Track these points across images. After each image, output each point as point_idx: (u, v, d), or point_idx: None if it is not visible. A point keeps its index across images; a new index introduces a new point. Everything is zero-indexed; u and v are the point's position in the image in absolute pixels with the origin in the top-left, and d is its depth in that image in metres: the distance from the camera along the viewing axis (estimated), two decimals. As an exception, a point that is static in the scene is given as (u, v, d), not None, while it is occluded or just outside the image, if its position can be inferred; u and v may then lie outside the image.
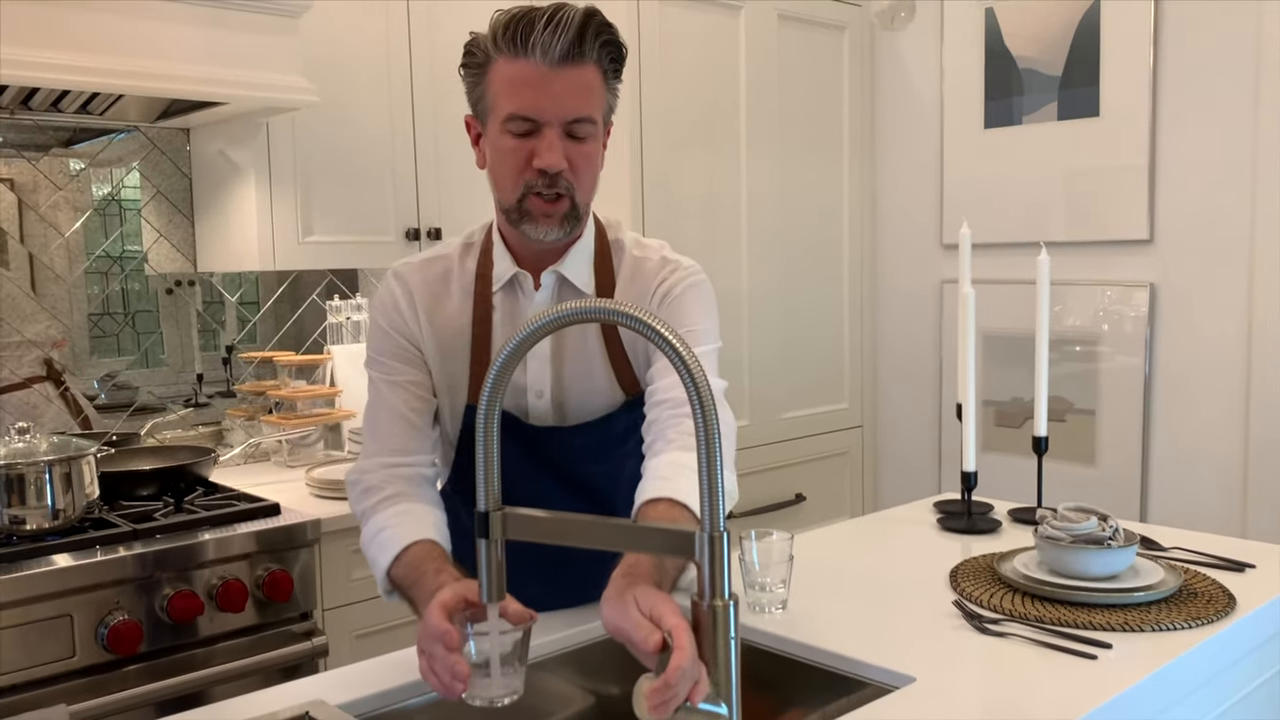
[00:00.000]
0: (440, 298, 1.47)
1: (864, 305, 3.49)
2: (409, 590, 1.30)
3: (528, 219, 1.36)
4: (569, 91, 1.30)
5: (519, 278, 1.45)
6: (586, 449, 1.48)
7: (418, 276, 1.48)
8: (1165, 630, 1.41)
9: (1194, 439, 2.85)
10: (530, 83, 1.30)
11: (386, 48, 2.65)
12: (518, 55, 1.30)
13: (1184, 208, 2.83)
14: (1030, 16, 3.05)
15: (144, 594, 1.97)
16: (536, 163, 1.32)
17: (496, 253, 1.46)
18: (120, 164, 2.62)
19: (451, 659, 1.09)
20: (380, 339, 1.48)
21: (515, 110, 1.31)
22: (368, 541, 1.39)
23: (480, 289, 1.46)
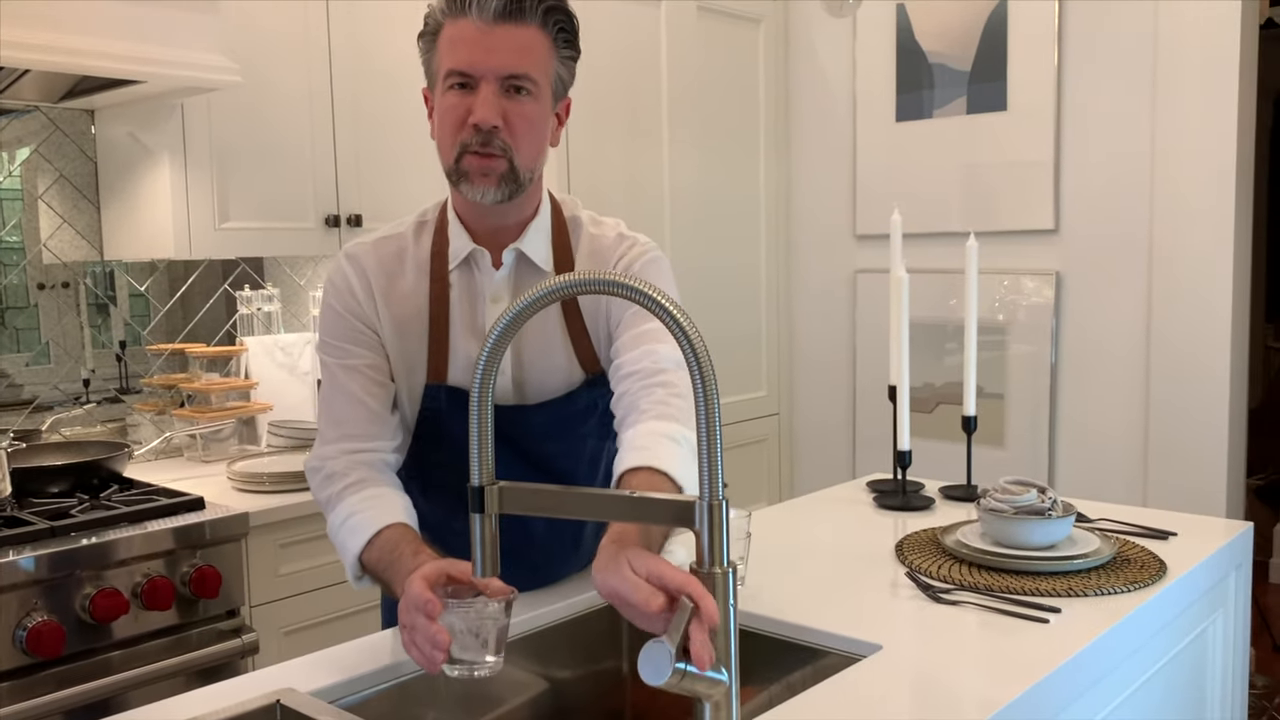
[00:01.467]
0: (395, 277, 1.44)
1: (780, 295, 3.55)
2: (385, 572, 1.28)
3: (465, 179, 1.35)
4: (507, 49, 1.30)
5: (475, 254, 1.43)
6: (546, 427, 1.47)
7: (371, 257, 1.45)
8: (1107, 594, 1.47)
9: (1098, 419, 2.98)
10: (467, 39, 1.30)
11: (305, 28, 2.58)
12: (458, 16, 1.30)
13: (1088, 198, 2.95)
14: (940, 13, 3.14)
15: (64, 594, 1.88)
16: (471, 118, 1.31)
17: (452, 230, 1.44)
18: (17, 146, 2.49)
19: (432, 629, 1.09)
20: (334, 322, 1.45)
21: (452, 66, 1.31)
22: (336, 527, 1.36)
23: (436, 267, 1.44)
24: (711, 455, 0.95)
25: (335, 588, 2.32)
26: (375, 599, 2.38)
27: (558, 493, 1.01)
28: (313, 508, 2.27)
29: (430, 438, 1.46)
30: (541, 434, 1.47)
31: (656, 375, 1.33)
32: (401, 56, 2.79)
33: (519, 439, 1.46)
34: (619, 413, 1.37)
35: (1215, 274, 2.76)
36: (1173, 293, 2.82)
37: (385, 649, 1.35)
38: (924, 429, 3.25)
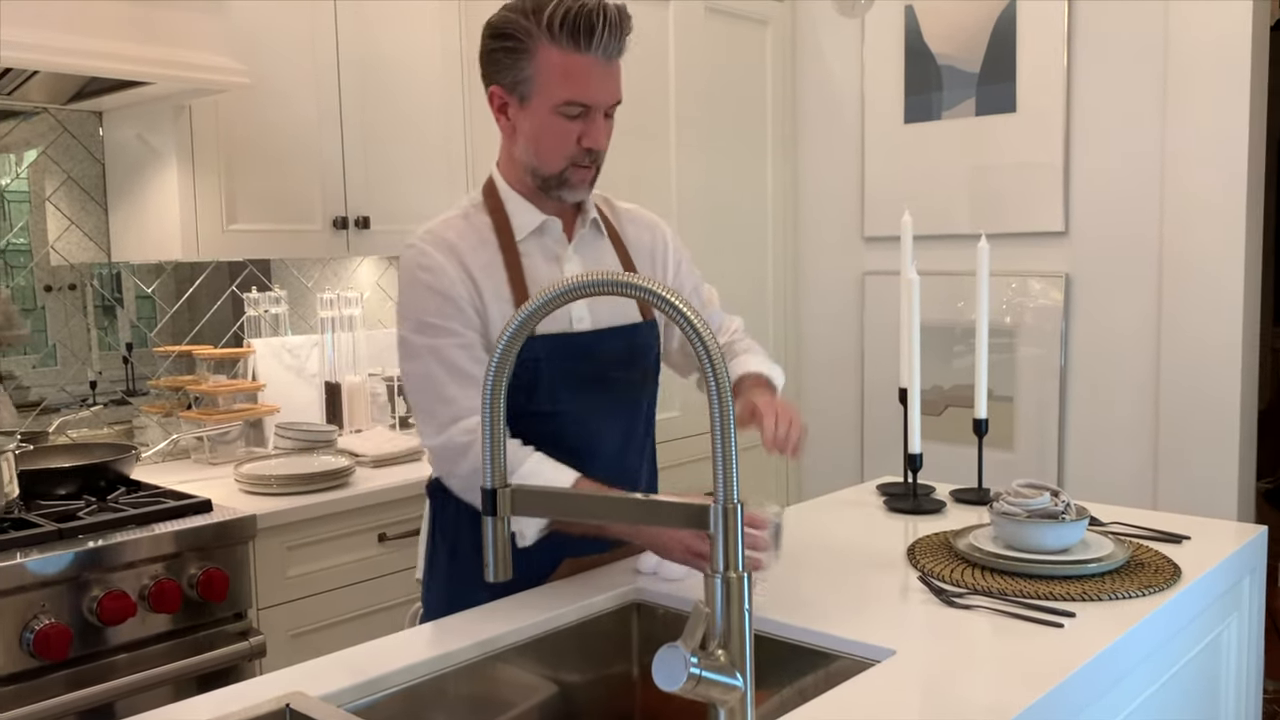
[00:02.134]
0: (475, 250, 1.58)
1: (787, 297, 3.54)
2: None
3: (566, 185, 1.57)
4: (614, 82, 1.54)
5: (548, 224, 1.62)
6: (618, 352, 1.64)
7: (451, 234, 1.59)
8: (1121, 599, 1.46)
9: (1107, 422, 2.97)
10: (591, 76, 1.50)
11: (312, 30, 2.57)
12: (579, 51, 1.48)
13: (1098, 201, 2.94)
14: (949, 15, 3.13)
15: (71, 596, 1.87)
16: (586, 143, 1.53)
17: (514, 206, 1.61)
18: (25, 148, 2.49)
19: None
20: (434, 302, 1.54)
21: (573, 98, 1.50)
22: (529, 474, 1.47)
23: (504, 239, 1.60)
24: (726, 458, 0.94)
25: (343, 590, 2.31)
26: (381, 602, 2.37)
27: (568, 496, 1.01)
28: (320, 510, 2.27)
29: (526, 387, 1.55)
30: (615, 359, 1.63)
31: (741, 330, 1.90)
32: (410, 58, 2.79)
33: (599, 363, 1.62)
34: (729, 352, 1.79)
35: (1226, 276, 2.74)
36: (1183, 295, 2.80)
37: (395, 652, 1.34)
38: (933, 432, 3.23)
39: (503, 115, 1.58)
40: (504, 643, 1.42)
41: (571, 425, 1.59)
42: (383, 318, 3.15)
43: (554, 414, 1.57)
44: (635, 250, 1.73)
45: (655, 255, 1.76)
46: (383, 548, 2.39)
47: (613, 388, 1.64)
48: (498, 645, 1.41)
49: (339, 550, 2.32)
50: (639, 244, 1.74)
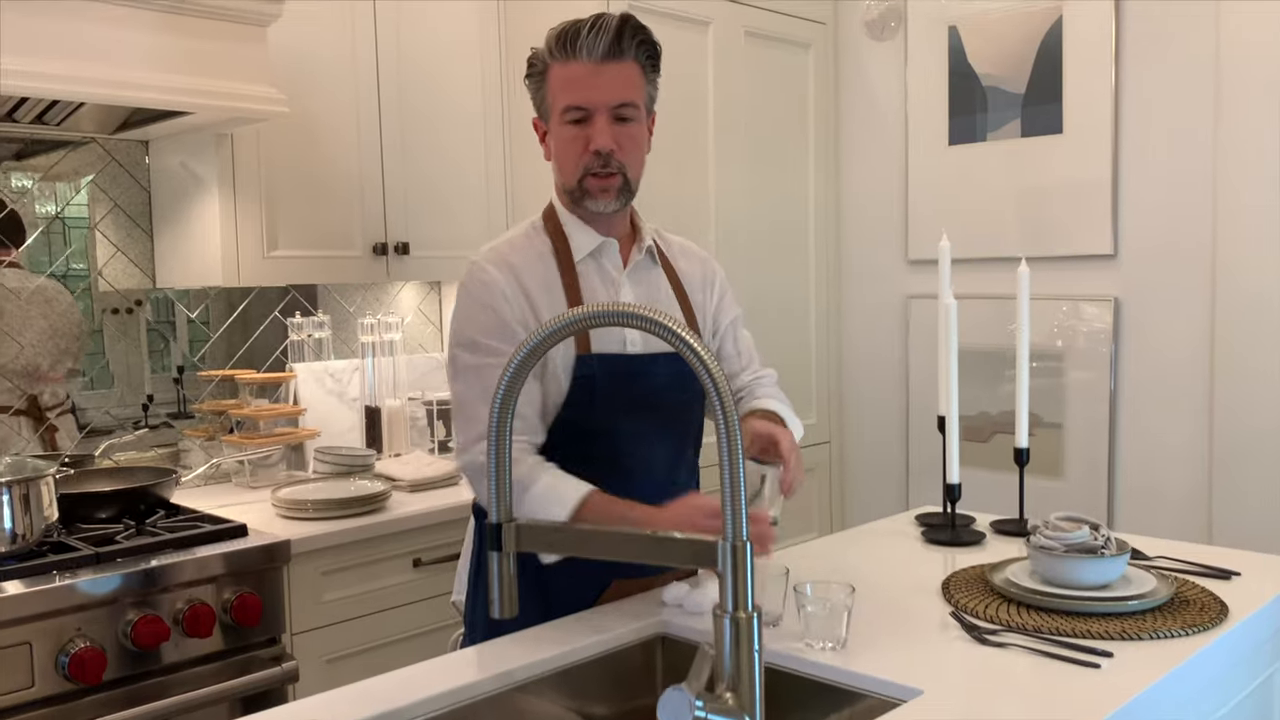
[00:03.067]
0: (534, 271, 1.63)
1: (830, 321, 3.50)
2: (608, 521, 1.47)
3: (588, 196, 1.61)
4: (613, 83, 1.56)
5: (605, 245, 1.67)
6: (669, 379, 1.65)
7: (513, 256, 1.64)
8: (1163, 638, 1.40)
9: (1159, 451, 2.88)
10: (580, 79, 1.56)
11: (353, 59, 2.61)
12: (568, 59, 1.56)
13: (1147, 222, 2.87)
14: (993, 35, 3.09)
15: (107, 620, 1.89)
16: (591, 145, 1.57)
17: (573, 228, 1.67)
18: (75, 177, 2.54)
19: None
20: (487, 320, 1.59)
21: (570, 102, 1.57)
22: (538, 499, 1.50)
23: (563, 260, 1.65)
24: (735, 496, 0.92)
25: (377, 615, 2.31)
26: (416, 628, 2.37)
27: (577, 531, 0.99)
28: (355, 535, 2.28)
29: (583, 404, 1.60)
30: (666, 383, 1.65)
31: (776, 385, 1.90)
32: (449, 86, 2.81)
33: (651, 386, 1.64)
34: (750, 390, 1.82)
35: (1283, 299, 2.65)
36: (1237, 318, 2.72)
37: (419, 683, 1.33)
38: (979, 459, 3.17)
39: (544, 143, 1.67)
40: (528, 674, 1.40)
41: (625, 444, 1.63)
42: (423, 342, 3.16)
43: (609, 432, 1.61)
44: (688, 280, 1.78)
45: (706, 285, 1.81)
46: (417, 573, 2.38)
47: (662, 410, 1.67)
48: (522, 677, 1.39)
49: (374, 575, 2.32)
50: (690, 275, 1.79)
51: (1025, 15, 3.01)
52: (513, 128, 2.94)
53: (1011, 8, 3.04)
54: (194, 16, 2.11)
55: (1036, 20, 2.99)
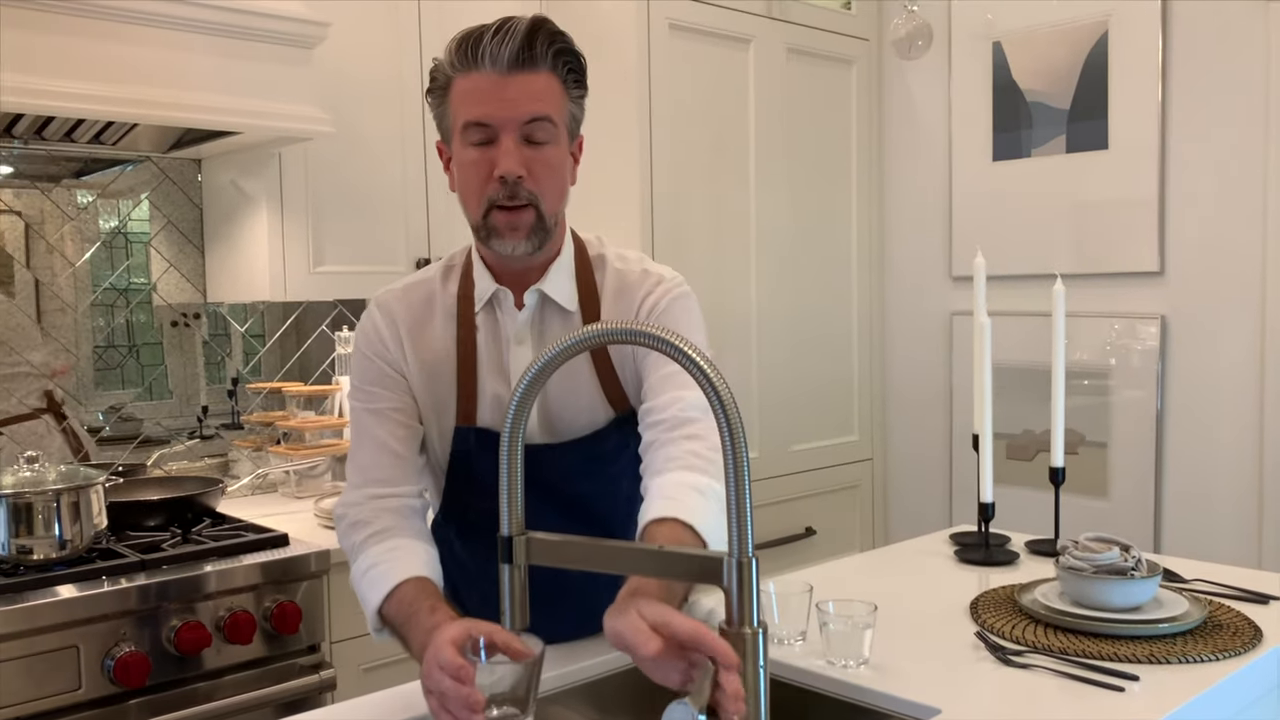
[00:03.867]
0: (423, 322, 1.46)
1: (873, 338, 3.48)
2: (401, 628, 1.28)
3: (495, 235, 1.36)
4: (522, 96, 1.31)
5: (498, 295, 1.44)
6: (577, 467, 1.46)
7: (400, 303, 1.47)
8: (1192, 662, 1.38)
9: (1207, 471, 2.83)
10: (483, 90, 1.31)
11: (399, 78, 2.66)
12: (469, 69, 1.32)
13: (1194, 239, 2.83)
14: (1038, 50, 3.07)
15: (151, 625, 1.94)
16: (496, 170, 1.31)
17: (476, 272, 1.45)
18: (131, 194, 2.62)
19: (464, 691, 1.05)
20: (364, 367, 1.47)
21: (470, 118, 1.32)
22: (358, 578, 1.37)
23: (463, 310, 1.45)
24: (740, 509, 0.93)
25: (415, 626, 2.35)
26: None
27: (586, 545, 1.01)
28: (395, 546, 2.31)
29: (462, 479, 1.47)
30: (572, 473, 1.46)
31: (685, 425, 1.31)
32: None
33: (550, 480, 1.44)
34: (646, 459, 1.35)
35: (1336, 318, 2.60)
36: (1288, 338, 2.66)
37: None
38: (1022, 478, 3.13)
39: (448, 171, 1.42)
40: (557, 685, 1.42)
41: None
42: (467, 356, 3.21)
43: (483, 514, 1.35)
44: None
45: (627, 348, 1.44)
46: (455, 584, 2.42)
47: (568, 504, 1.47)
48: (551, 687, 1.41)
49: (412, 586, 2.35)
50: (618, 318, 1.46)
51: (1070, 30, 2.99)
52: (555, 145, 2.98)
53: (1057, 22, 3.02)
54: (243, 39, 2.17)
55: (1082, 35, 2.97)
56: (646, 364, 1.41)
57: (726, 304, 3.03)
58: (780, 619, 1.49)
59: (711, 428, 1.30)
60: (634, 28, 2.76)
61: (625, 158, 2.78)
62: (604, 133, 2.66)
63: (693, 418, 1.32)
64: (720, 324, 3.00)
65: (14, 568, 1.94)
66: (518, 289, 1.44)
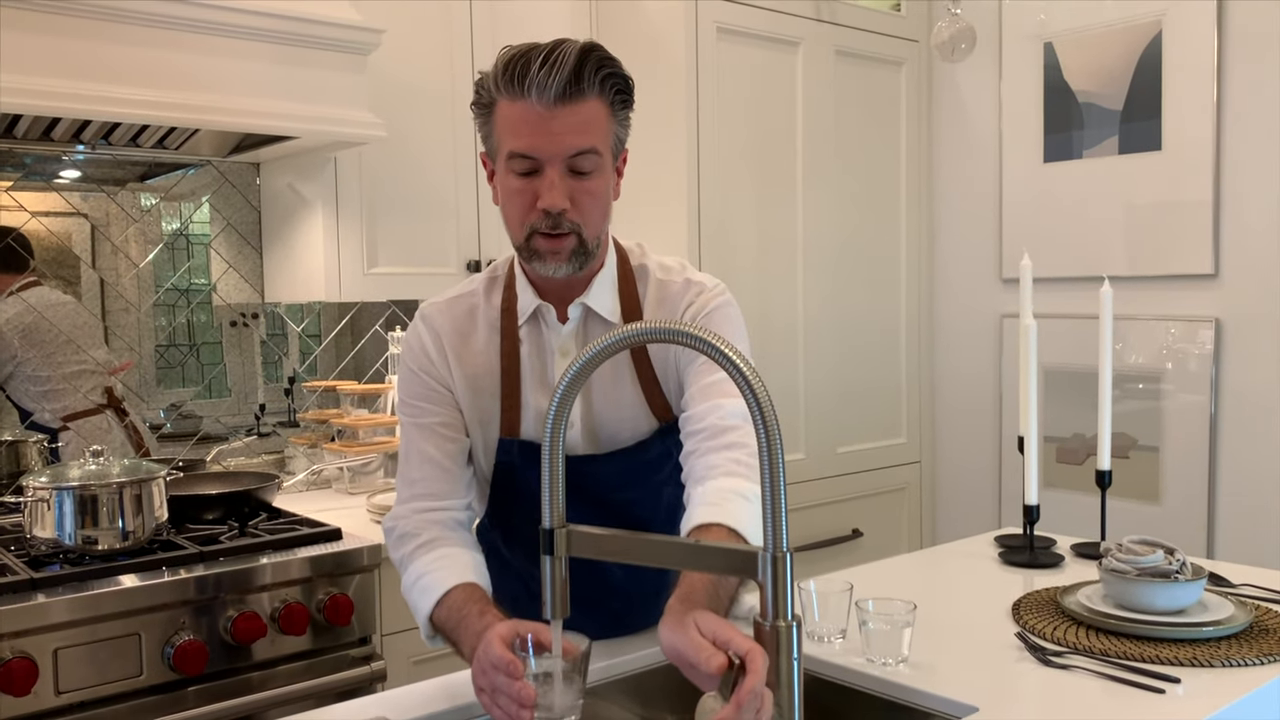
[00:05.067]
0: (467, 335, 1.48)
1: (921, 340, 3.47)
2: (453, 633, 1.32)
3: (536, 257, 1.37)
4: (568, 129, 1.30)
5: (541, 310, 1.46)
6: (620, 476, 1.48)
7: (444, 316, 1.49)
8: (1235, 666, 1.38)
9: (1262, 476, 2.79)
10: (529, 123, 1.29)
11: (450, 83, 2.71)
12: (515, 97, 1.30)
13: (1250, 241, 2.79)
14: (1090, 51, 3.04)
15: (209, 615, 2.00)
16: (539, 203, 1.32)
17: (519, 286, 1.47)
18: (192, 198, 2.70)
19: (516, 686, 1.09)
20: (409, 382, 1.49)
21: (515, 149, 1.31)
22: (409, 588, 1.41)
23: (506, 324, 1.47)
24: (775, 507, 0.95)
25: (464, 621, 2.39)
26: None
27: (625, 538, 1.03)
28: (444, 542, 2.36)
29: (506, 489, 1.49)
30: (616, 483, 1.48)
31: (725, 434, 1.33)
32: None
33: (593, 489, 1.46)
34: (687, 468, 1.36)
35: (1397, 322, 2.55)
36: (1347, 342, 2.62)
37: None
38: (1072, 481, 3.11)
39: (491, 184, 1.42)
40: (598, 679, 1.44)
41: None
42: (517, 356, 3.25)
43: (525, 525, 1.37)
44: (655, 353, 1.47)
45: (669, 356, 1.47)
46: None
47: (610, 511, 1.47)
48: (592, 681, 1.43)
49: (461, 581, 2.39)
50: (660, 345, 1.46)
51: (1123, 30, 2.96)
52: (604, 148, 3.01)
53: (1109, 23, 2.99)
54: (300, 46, 2.23)
55: (1135, 35, 2.94)
56: (689, 373, 1.43)
57: (773, 305, 3.04)
58: (820, 617, 1.51)
59: (751, 434, 1.31)
60: (682, 31, 2.79)
61: (672, 161, 2.81)
62: (651, 137, 2.69)
63: (733, 425, 1.34)
64: (767, 325, 3.01)
65: (80, 557, 2.02)
66: (561, 303, 1.45)
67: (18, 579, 1.89)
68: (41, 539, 2.02)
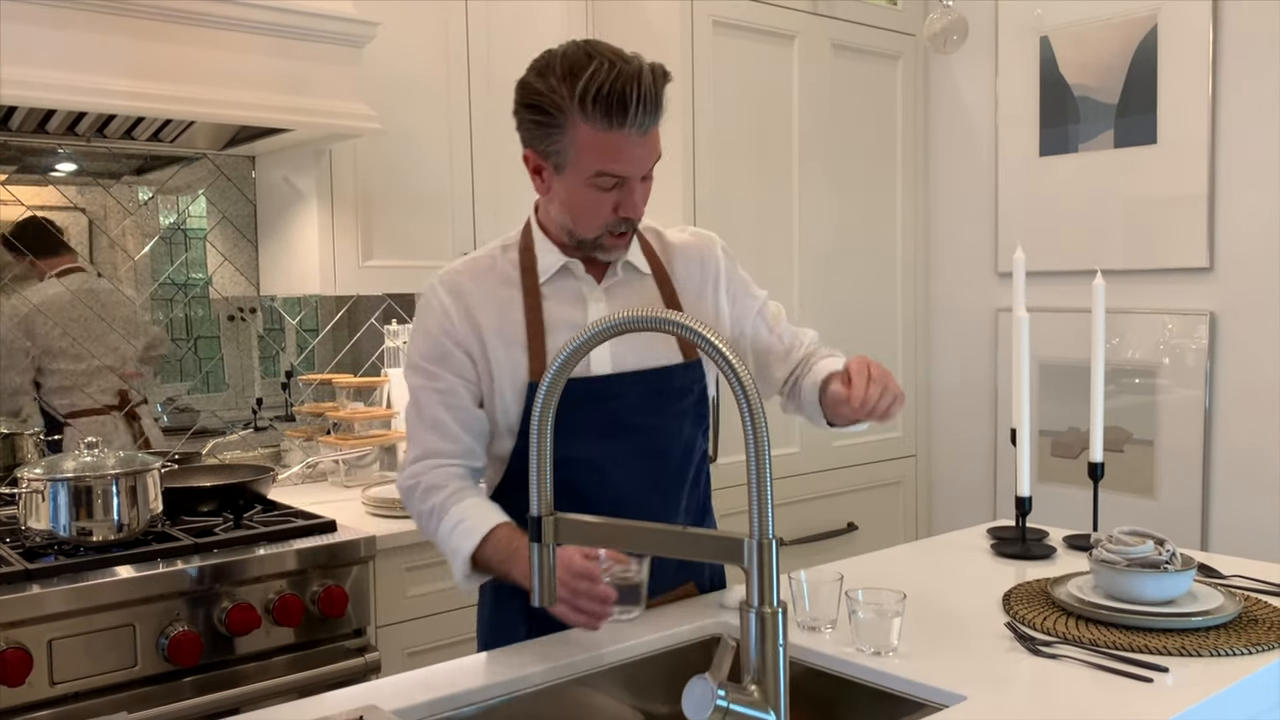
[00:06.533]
0: (490, 290, 1.59)
1: (918, 333, 3.48)
2: (503, 564, 1.46)
3: (600, 249, 1.56)
4: (650, 152, 1.50)
5: (570, 265, 1.60)
6: (643, 399, 1.58)
7: (464, 276, 1.60)
8: (1224, 655, 1.38)
9: (1256, 470, 2.79)
10: (623, 151, 1.46)
11: (446, 76, 2.71)
12: (612, 128, 1.44)
13: (1244, 235, 2.79)
14: (1086, 44, 3.04)
15: (203, 606, 2.01)
16: (622, 212, 1.51)
17: (540, 248, 1.61)
18: (188, 191, 2.70)
19: (599, 589, 1.31)
20: (428, 345, 1.58)
21: (606, 169, 1.47)
22: (448, 531, 1.51)
23: (528, 281, 1.59)
24: (761, 493, 0.96)
25: (459, 611, 2.40)
26: (496, 626, 2.44)
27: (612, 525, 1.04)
28: (439, 534, 2.36)
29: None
30: (637, 406, 1.57)
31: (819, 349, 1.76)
32: (538, 101, 2.90)
33: (616, 410, 1.56)
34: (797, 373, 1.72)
35: (1391, 316, 2.55)
36: (1341, 336, 2.62)
37: (473, 672, 1.39)
38: (1068, 475, 3.11)
39: (538, 177, 1.57)
40: (583, 668, 1.45)
41: (584, 473, 1.55)
42: (513, 350, 3.26)
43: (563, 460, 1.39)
44: (683, 289, 1.67)
45: (706, 288, 1.69)
46: (498, 573, 2.46)
47: (631, 434, 1.58)
48: (576, 670, 1.44)
49: (455, 573, 2.40)
50: (688, 282, 1.68)
51: (1119, 24, 2.96)
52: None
53: (1105, 17, 2.99)
54: (295, 39, 2.23)
55: (1130, 29, 2.94)
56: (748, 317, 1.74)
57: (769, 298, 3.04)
58: (811, 607, 1.51)
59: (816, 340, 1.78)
60: (678, 25, 2.79)
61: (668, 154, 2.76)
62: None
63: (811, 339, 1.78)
64: (763, 319, 3.01)
65: (74, 548, 2.02)
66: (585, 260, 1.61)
67: (12, 570, 1.90)
68: (36, 530, 2.02)
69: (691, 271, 1.68)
